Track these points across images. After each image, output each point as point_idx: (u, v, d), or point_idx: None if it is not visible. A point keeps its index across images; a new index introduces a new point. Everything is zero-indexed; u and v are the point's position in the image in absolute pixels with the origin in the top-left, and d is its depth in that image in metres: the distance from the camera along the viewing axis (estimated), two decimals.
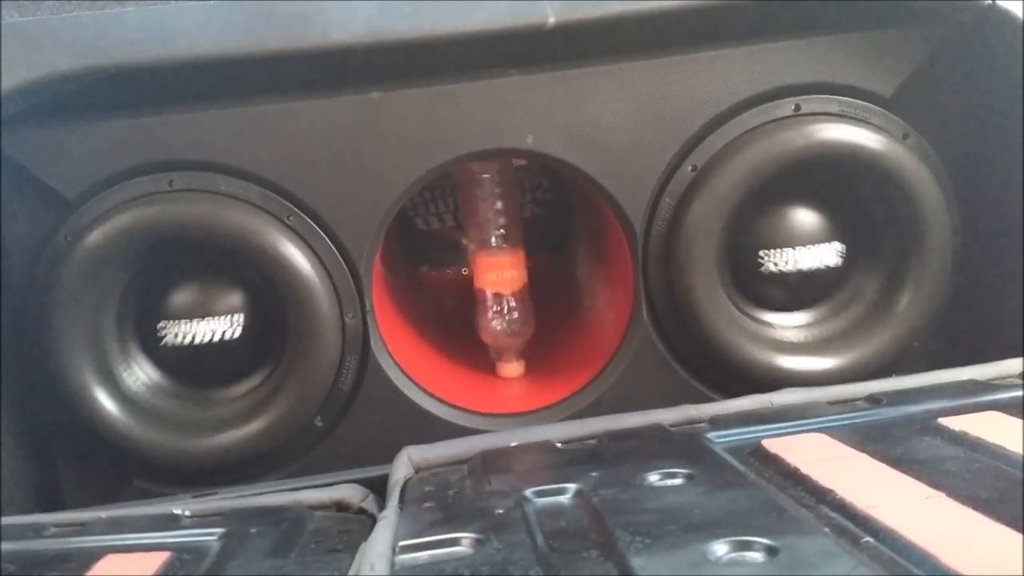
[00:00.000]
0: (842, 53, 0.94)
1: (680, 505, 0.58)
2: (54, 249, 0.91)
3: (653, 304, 0.98)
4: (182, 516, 0.74)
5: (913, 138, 0.96)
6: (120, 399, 0.93)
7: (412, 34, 0.84)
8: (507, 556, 0.53)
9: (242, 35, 0.83)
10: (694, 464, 0.65)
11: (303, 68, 0.89)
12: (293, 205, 0.92)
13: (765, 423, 0.73)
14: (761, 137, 0.94)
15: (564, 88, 0.92)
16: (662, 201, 0.95)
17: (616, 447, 0.73)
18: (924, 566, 0.46)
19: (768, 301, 1.00)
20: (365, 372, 0.95)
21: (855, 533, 0.51)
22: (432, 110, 0.91)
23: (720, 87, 0.93)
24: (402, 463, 0.75)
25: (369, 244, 0.93)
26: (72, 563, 0.65)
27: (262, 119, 0.90)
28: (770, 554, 0.49)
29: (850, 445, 0.65)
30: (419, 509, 0.65)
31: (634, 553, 0.51)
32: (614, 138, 0.93)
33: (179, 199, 0.91)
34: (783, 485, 0.60)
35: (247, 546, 0.67)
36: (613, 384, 0.98)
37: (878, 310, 0.98)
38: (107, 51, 0.82)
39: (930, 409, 0.71)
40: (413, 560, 0.55)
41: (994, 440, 0.63)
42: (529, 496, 0.63)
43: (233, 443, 0.93)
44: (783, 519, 0.54)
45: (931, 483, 0.56)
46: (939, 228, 0.95)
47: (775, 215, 0.98)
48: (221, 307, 0.94)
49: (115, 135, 0.90)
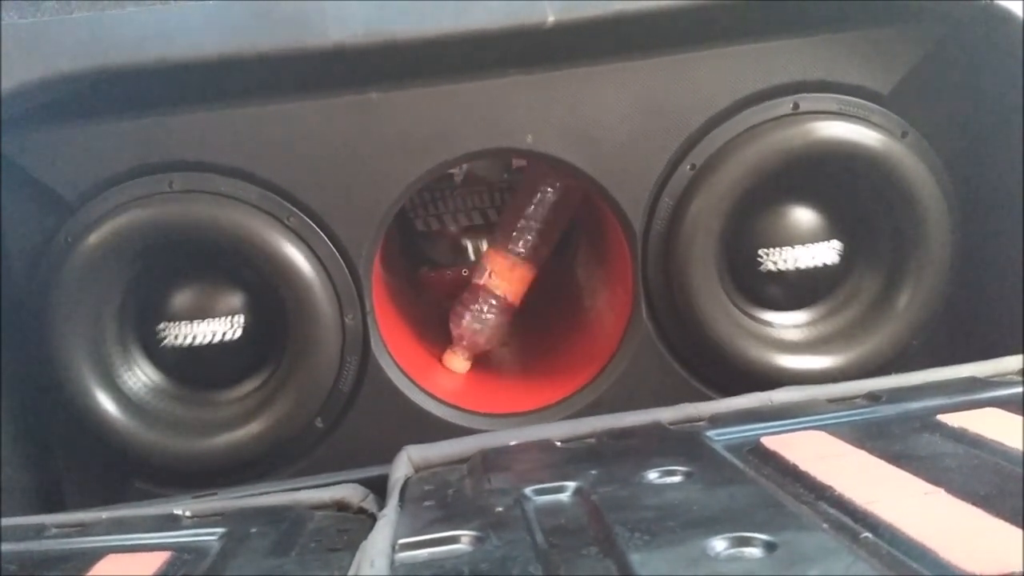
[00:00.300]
0: (841, 51, 0.94)
1: (679, 502, 0.58)
2: (54, 250, 0.91)
3: (653, 304, 0.98)
4: (183, 516, 0.74)
5: (912, 136, 0.96)
6: (121, 400, 0.93)
7: (411, 34, 0.85)
8: (506, 553, 0.54)
9: (241, 35, 0.84)
10: (693, 462, 0.65)
11: (302, 68, 0.89)
12: (293, 206, 0.92)
13: (764, 421, 0.73)
14: (760, 135, 0.94)
15: (563, 88, 0.92)
16: (661, 200, 0.95)
17: (615, 445, 0.73)
18: (923, 561, 0.46)
19: (767, 300, 1.00)
20: (365, 373, 0.95)
21: (854, 529, 0.51)
22: (431, 110, 0.91)
23: (719, 86, 0.93)
24: (402, 463, 0.75)
25: (369, 244, 0.94)
26: (73, 563, 0.65)
27: (262, 120, 0.91)
28: (769, 550, 0.49)
29: (849, 442, 0.65)
30: (419, 508, 0.65)
31: (633, 549, 0.51)
32: (613, 137, 0.93)
33: (179, 200, 0.91)
34: (782, 482, 0.60)
35: (247, 546, 0.67)
36: (613, 384, 0.98)
37: (877, 308, 0.98)
38: (106, 52, 0.83)
39: (929, 406, 0.71)
40: (413, 558, 0.55)
41: (993, 436, 0.63)
42: (529, 494, 0.63)
43: (233, 444, 0.93)
44: (782, 515, 0.54)
45: (930, 479, 0.56)
46: (938, 226, 0.95)
47: (774, 214, 0.98)
48: (221, 308, 0.95)
49: (115, 136, 0.90)
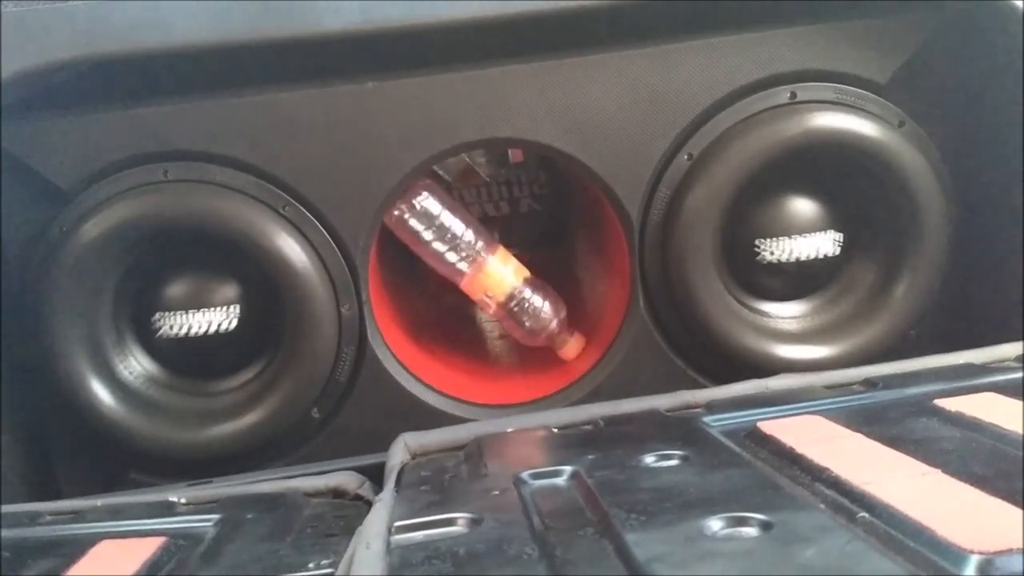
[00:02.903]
0: (837, 40, 0.93)
1: (675, 484, 0.57)
2: (49, 240, 0.91)
3: (650, 294, 0.98)
4: (178, 503, 0.74)
5: (909, 125, 0.96)
6: (116, 391, 0.92)
7: (407, 22, 0.84)
8: (503, 534, 0.53)
9: (236, 24, 0.83)
10: (690, 446, 0.64)
11: (298, 57, 0.89)
12: (288, 195, 0.92)
13: (761, 407, 0.73)
14: (757, 125, 0.94)
15: (560, 77, 0.92)
16: (658, 190, 0.95)
17: (612, 431, 0.73)
18: (920, 539, 0.46)
19: (765, 291, 1.00)
20: (362, 363, 0.95)
21: (850, 509, 0.51)
22: (427, 99, 0.91)
23: (716, 75, 0.93)
24: (398, 449, 0.75)
25: (365, 234, 0.93)
26: (67, 549, 0.65)
27: (257, 109, 0.90)
28: (765, 529, 0.49)
29: (846, 426, 0.65)
30: (415, 492, 0.64)
31: (629, 530, 0.50)
32: (610, 127, 0.93)
33: (174, 190, 0.91)
34: (778, 465, 0.60)
35: (243, 531, 0.67)
36: (610, 374, 0.98)
37: (875, 298, 0.98)
38: (102, 40, 0.82)
39: (926, 391, 0.71)
40: (409, 540, 0.55)
41: (991, 420, 0.62)
42: (525, 478, 0.62)
43: (230, 435, 0.93)
44: (778, 496, 0.54)
45: (927, 461, 0.56)
46: (935, 215, 0.95)
47: (771, 204, 0.98)
48: (217, 298, 0.94)
49: (110, 126, 0.90)
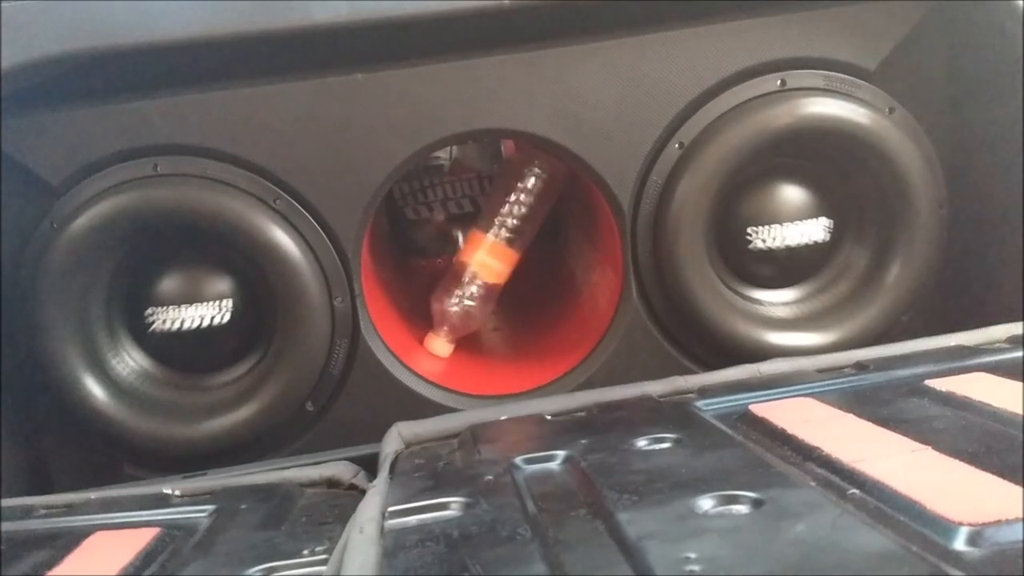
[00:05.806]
0: (827, 27, 0.94)
1: (667, 466, 0.58)
2: (40, 236, 0.91)
3: (642, 283, 0.98)
4: (172, 495, 0.74)
5: (899, 112, 0.96)
6: (109, 386, 0.92)
7: (395, 13, 0.84)
8: (496, 517, 0.54)
9: (226, 17, 0.83)
10: (682, 429, 0.65)
11: (287, 50, 0.89)
12: (280, 188, 0.92)
13: (753, 391, 0.73)
14: (747, 113, 0.94)
15: (549, 67, 0.92)
16: (649, 179, 0.95)
17: (605, 417, 0.73)
18: (910, 513, 0.46)
19: (757, 278, 1.00)
20: (355, 356, 0.95)
21: (841, 486, 0.51)
22: (418, 91, 0.91)
23: (705, 63, 0.93)
24: (392, 438, 0.75)
25: (357, 227, 0.93)
26: (61, 541, 0.65)
27: (247, 102, 0.90)
28: (755, 506, 0.49)
29: (837, 408, 0.65)
30: (409, 479, 0.64)
31: (621, 510, 0.51)
32: (600, 117, 0.93)
33: (165, 184, 0.91)
34: (770, 445, 0.60)
35: (237, 521, 0.66)
36: (603, 364, 0.98)
37: (866, 284, 0.98)
38: (91, 34, 0.82)
39: (917, 373, 0.71)
40: (402, 524, 0.55)
41: (982, 399, 0.63)
42: (519, 463, 0.63)
43: (223, 429, 0.93)
44: (769, 475, 0.54)
45: (918, 439, 0.56)
46: (925, 201, 0.95)
47: (762, 192, 0.98)
48: (209, 293, 0.94)
49: (100, 120, 0.90)
